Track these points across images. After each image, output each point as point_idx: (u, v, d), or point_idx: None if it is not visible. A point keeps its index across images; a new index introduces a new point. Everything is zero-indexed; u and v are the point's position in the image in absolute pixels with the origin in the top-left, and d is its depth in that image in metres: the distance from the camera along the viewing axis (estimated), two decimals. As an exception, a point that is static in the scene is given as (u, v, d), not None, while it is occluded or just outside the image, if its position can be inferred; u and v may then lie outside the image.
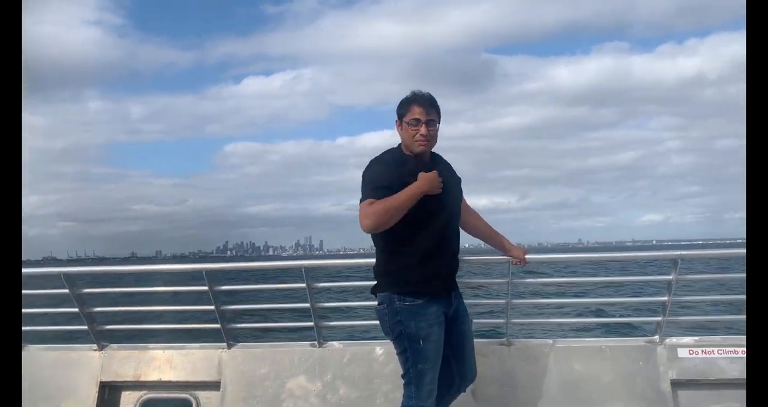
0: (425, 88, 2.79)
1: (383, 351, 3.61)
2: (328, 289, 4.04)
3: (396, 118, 2.81)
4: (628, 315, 7.96)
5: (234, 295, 3.94)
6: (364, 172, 2.73)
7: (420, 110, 2.73)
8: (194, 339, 4.05)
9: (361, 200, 2.63)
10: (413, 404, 2.72)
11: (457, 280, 2.93)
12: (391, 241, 2.70)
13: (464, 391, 3.01)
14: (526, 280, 3.65)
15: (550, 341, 3.65)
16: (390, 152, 2.81)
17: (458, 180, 2.95)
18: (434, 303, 2.72)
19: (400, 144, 2.83)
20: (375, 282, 2.84)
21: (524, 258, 3.15)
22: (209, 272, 3.58)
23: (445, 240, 2.81)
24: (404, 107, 2.78)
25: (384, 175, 2.65)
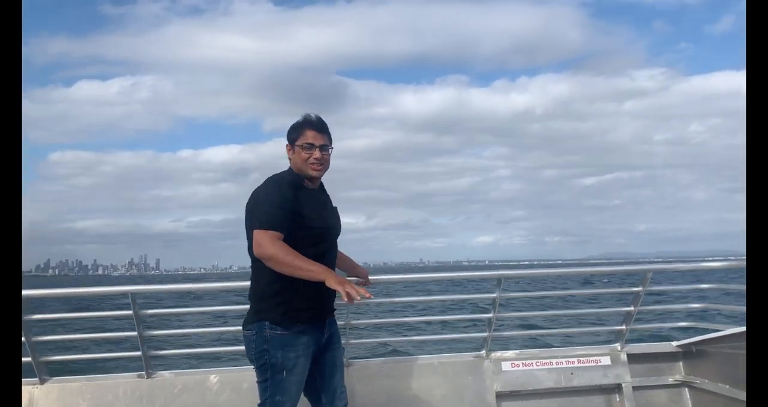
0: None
1: (218, 380, 3.47)
2: (161, 315, 3.79)
3: (286, 142, 2.78)
4: (462, 331, 8.47)
5: (50, 324, 3.57)
6: (261, 191, 2.64)
7: (313, 134, 2.73)
8: None
9: (258, 223, 2.52)
10: None
11: None
12: (276, 273, 2.56)
13: None
14: (367, 300, 3.73)
15: (387, 359, 3.79)
16: (285, 173, 2.76)
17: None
18: (306, 334, 2.66)
19: (290, 167, 2.79)
20: (249, 308, 2.72)
21: (368, 278, 3.22)
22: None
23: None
24: (296, 130, 2.76)
25: (286, 198, 2.58)
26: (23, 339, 3.29)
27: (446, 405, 3.61)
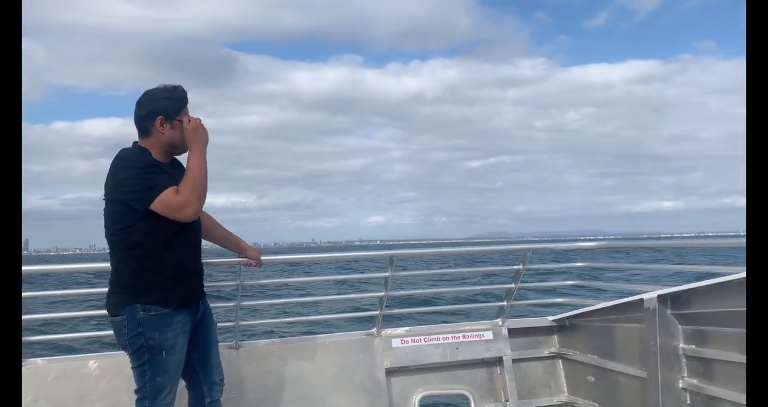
0: (161, 76, 2.64)
1: (97, 366, 3.29)
2: (38, 298, 3.53)
3: (158, 115, 2.55)
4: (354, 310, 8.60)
5: None
6: (119, 174, 2.50)
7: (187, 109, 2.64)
8: None
9: (150, 199, 2.43)
10: None
11: None
12: (144, 252, 2.49)
13: (218, 398, 2.85)
14: (259, 282, 3.69)
15: (278, 340, 3.77)
16: (136, 155, 2.56)
17: None
18: (181, 312, 2.58)
19: (136, 143, 2.62)
20: (113, 294, 2.57)
21: (260, 259, 3.15)
22: None
23: (195, 248, 2.72)
24: (176, 103, 2.58)
25: (153, 169, 2.52)
26: None
27: (337, 383, 3.66)
